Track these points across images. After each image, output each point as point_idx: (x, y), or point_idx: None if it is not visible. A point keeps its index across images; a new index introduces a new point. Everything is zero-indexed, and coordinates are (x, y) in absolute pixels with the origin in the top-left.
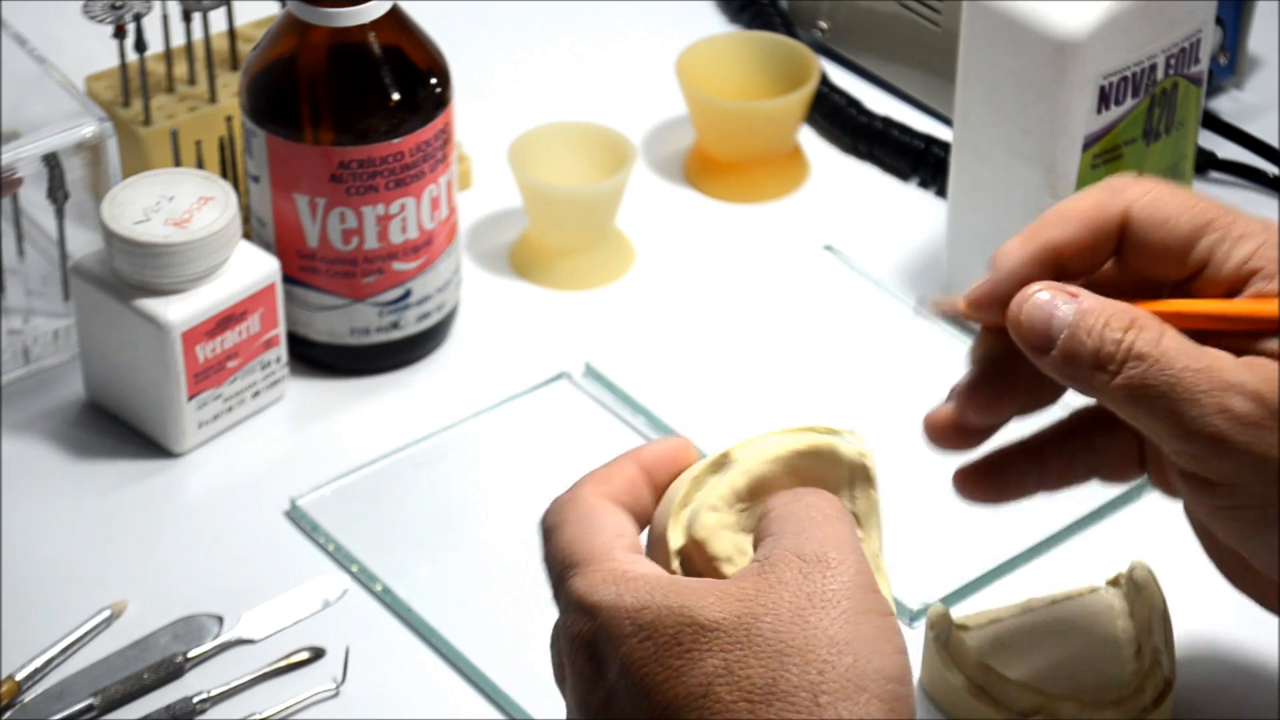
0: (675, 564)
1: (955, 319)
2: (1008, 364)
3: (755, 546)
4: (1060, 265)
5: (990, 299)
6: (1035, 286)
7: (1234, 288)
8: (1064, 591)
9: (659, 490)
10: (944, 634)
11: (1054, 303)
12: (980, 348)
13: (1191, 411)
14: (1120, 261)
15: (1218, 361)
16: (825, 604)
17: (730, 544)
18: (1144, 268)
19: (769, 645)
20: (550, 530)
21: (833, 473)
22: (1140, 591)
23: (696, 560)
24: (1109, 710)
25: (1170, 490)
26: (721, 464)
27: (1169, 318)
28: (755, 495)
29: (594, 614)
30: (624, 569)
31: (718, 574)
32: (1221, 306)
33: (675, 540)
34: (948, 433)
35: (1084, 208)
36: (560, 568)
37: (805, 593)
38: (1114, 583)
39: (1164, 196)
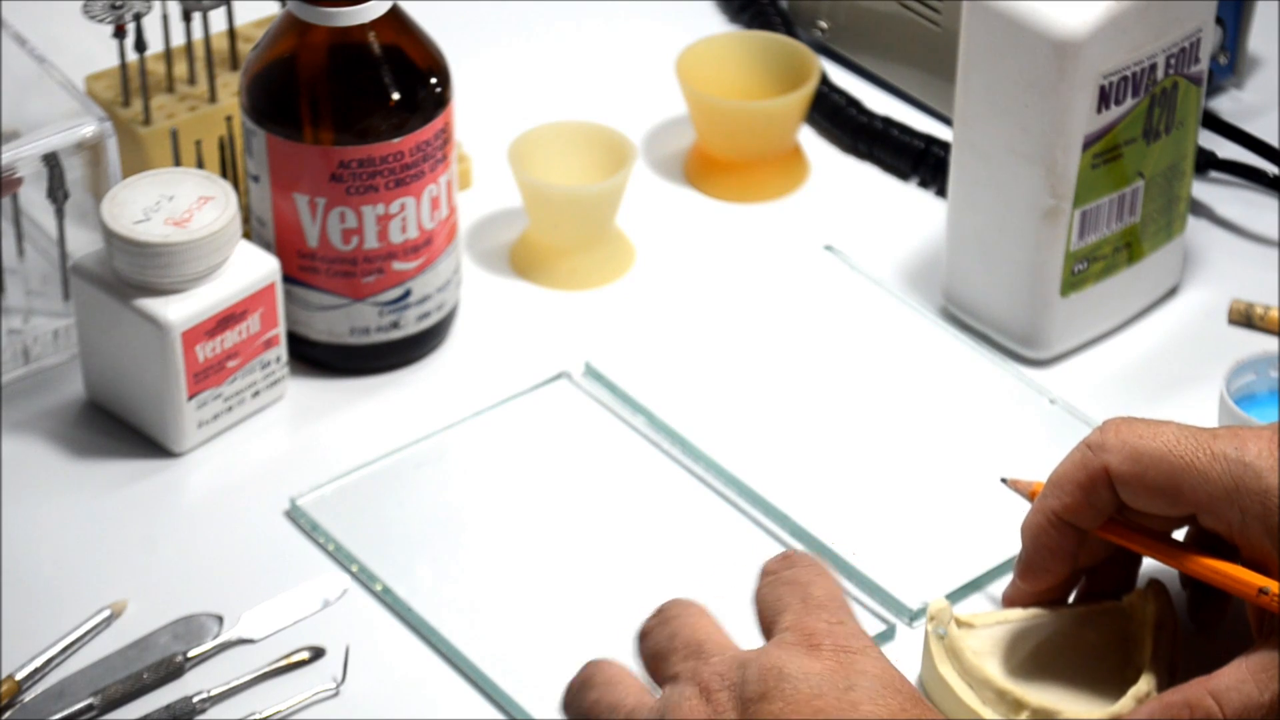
0: None
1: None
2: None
3: None
4: (1072, 524)
5: (1029, 570)
6: None
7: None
8: (1082, 605)
9: None
10: (942, 627)
11: None
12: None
13: None
14: (1129, 507)
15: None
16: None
17: None
18: (1147, 509)
19: None
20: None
21: None
22: (1155, 610)
23: None
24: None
25: (1207, 629)
26: None
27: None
28: None
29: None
30: None
31: None
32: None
33: None
34: (1022, 602)
35: (1071, 471)
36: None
37: None
38: (1132, 599)
39: (1139, 446)
